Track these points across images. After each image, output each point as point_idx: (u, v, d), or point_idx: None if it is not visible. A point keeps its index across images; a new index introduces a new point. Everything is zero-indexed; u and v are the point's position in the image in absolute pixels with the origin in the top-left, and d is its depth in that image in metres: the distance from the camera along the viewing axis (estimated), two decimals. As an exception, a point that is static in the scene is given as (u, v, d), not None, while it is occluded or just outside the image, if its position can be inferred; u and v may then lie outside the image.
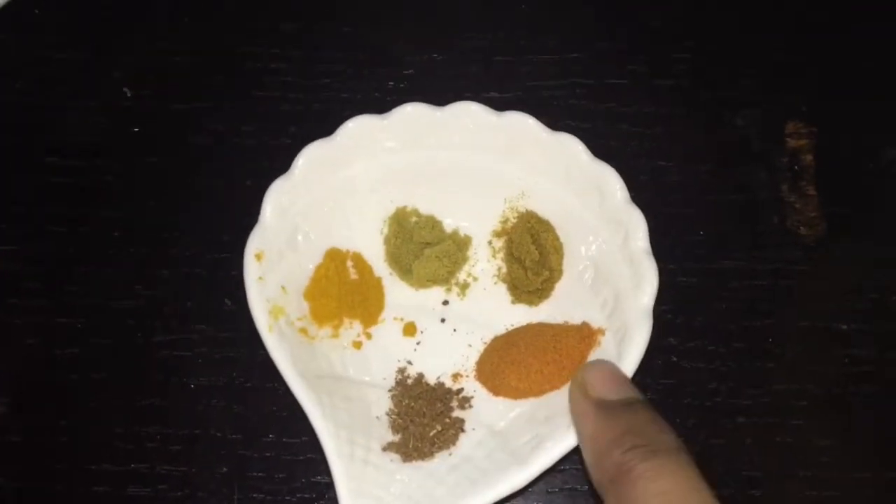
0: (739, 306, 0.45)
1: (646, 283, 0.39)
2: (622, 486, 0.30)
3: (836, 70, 0.49)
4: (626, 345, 0.38)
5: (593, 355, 0.40)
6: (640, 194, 0.42)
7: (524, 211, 0.43)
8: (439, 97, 0.45)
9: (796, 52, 0.50)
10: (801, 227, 0.46)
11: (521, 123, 0.42)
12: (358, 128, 0.42)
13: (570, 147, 0.41)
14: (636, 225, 0.40)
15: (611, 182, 0.41)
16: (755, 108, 0.49)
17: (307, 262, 0.42)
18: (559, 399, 0.39)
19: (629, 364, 0.38)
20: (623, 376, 0.36)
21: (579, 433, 0.34)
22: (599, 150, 0.42)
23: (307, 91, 0.49)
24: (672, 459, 0.30)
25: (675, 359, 0.44)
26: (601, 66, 0.49)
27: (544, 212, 0.43)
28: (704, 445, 0.43)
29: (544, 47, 0.50)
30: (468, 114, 0.42)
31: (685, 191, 0.47)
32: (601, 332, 0.40)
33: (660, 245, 0.42)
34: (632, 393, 0.34)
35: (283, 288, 0.41)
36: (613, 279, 0.41)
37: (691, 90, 0.49)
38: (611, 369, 0.36)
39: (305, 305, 0.42)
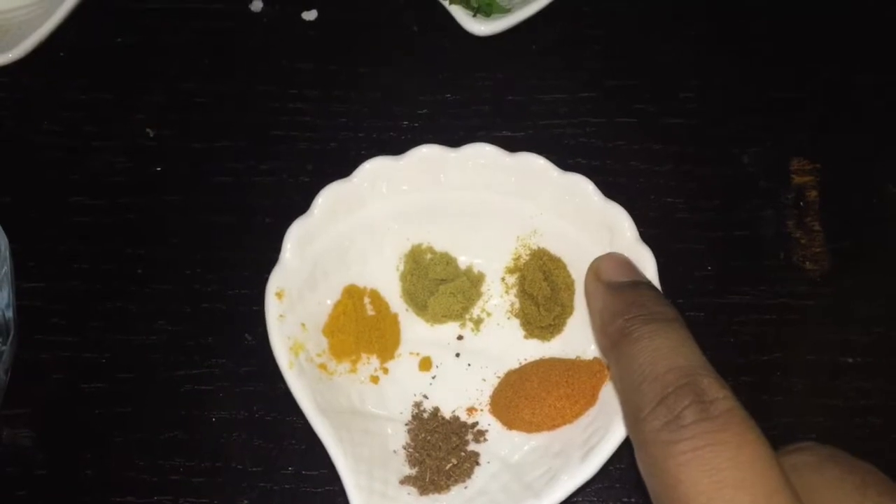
0: (747, 340, 0.46)
1: (655, 319, 0.40)
2: (623, 347, 0.33)
3: (840, 107, 0.51)
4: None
5: (603, 390, 0.41)
6: (649, 230, 0.43)
7: (536, 248, 0.45)
8: (452, 136, 0.46)
9: (800, 90, 0.51)
10: (807, 262, 0.47)
11: (533, 164, 0.43)
12: (374, 169, 0.43)
13: (581, 187, 0.43)
14: (646, 262, 0.41)
15: (621, 221, 0.42)
16: (761, 146, 0.50)
17: (326, 299, 0.43)
18: (572, 433, 0.40)
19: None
20: (631, 264, 0.39)
21: (590, 309, 0.38)
22: (609, 186, 0.44)
23: (324, 130, 0.50)
24: (669, 325, 0.33)
25: (684, 392, 0.45)
26: (610, 105, 0.51)
27: (556, 249, 0.44)
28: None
29: (554, 87, 0.51)
30: (481, 155, 0.43)
31: (693, 227, 0.48)
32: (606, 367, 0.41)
33: (668, 280, 0.43)
34: (636, 276, 0.38)
35: (302, 325, 0.42)
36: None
37: (698, 128, 0.50)
38: (621, 258, 0.39)
39: (324, 341, 0.43)
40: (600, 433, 0.39)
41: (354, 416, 0.42)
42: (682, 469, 0.29)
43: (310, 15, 0.53)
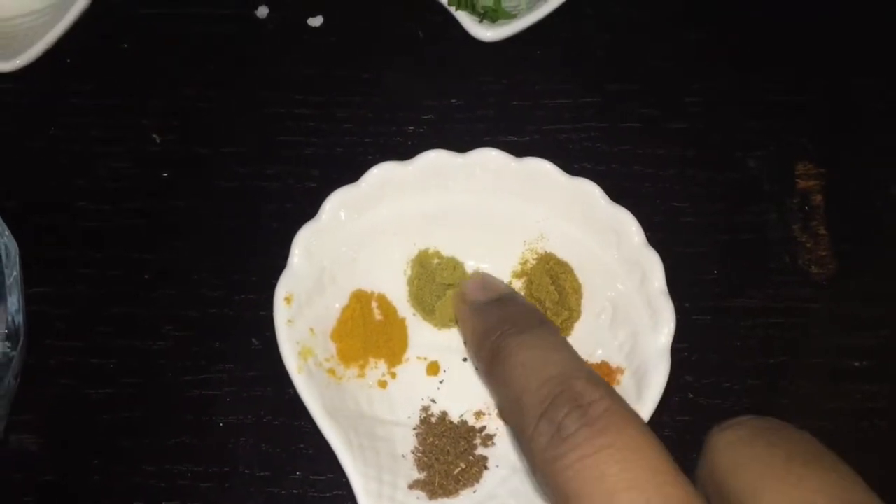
0: (753, 344, 0.46)
1: (663, 323, 0.41)
2: (495, 369, 0.34)
3: (845, 111, 0.51)
4: (645, 384, 0.40)
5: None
6: (654, 234, 0.44)
7: (543, 252, 0.45)
8: (458, 141, 0.46)
9: (804, 94, 0.51)
10: (813, 266, 0.48)
11: (540, 168, 0.43)
12: (382, 174, 0.43)
13: (588, 191, 0.43)
14: (653, 267, 0.41)
15: (628, 225, 0.42)
16: (765, 150, 0.50)
17: (334, 304, 0.43)
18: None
19: (649, 402, 0.39)
20: (493, 281, 0.40)
21: (463, 333, 0.39)
22: (615, 191, 0.44)
23: (329, 135, 0.50)
24: (534, 334, 0.34)
25: (691, 395, 0.45)
26: (615, 110, 0.51)
27: (563, 253, 0.44)
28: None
29: (559, 92, 0.51)
30: (488, 160, 0.43)
31: (699, 231, 0.49)
32: (620, 371, 0.42)
33: (675, 284, 0.43)
34: (496, 292, 0.39)
35: (311, 330, 0.42)
36: (631, 319, 0.42)
37: (703, 132, 0.50)
38: (483, 277, 0.41)
39: (332, 346, 0.43)
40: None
41: (363, 420, 0.42)
42: (571, 483, 0.28)
43: (315, 21, 0.53)
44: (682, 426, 0.45)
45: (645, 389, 0.40)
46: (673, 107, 0.51)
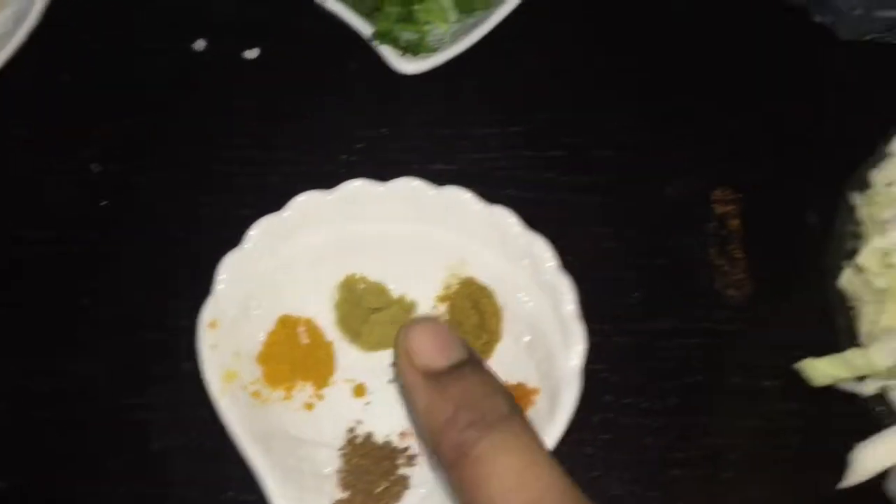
0: (672, 364, 0.48)
1: (575, 344, 0.42)
2: (464, 470, 0.30)
3: (760, 136, 0.52)
4: (558, 403, 0.41)
5: (528, 414, 0.42)
6: (578, 258, 0.46)
7: (465, 277, 0.46)
8: (387, 170, 0.48)
9: (722, 120, 0.53)
10: (730, 289, 0.49)
11: (458, 197, 0.45)
12: (306, 202, 0.45)
13: (504, 219, 0.44)
14: (565, 290, 0.43)
15: (542, 251, 0.44)
16: (684, 177, 0.52)
17: (260, 329, 0.45)
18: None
19: (560, 422, 0.41)
20: (445, 335, 0.33)
21: (413, 404, 0.33)
22: (539, 217, 0.46)
23: (264, 164, 0.52)
24: (507, 431, 0.30)
25: (611, 415, 0.47)
26: (540, 139, 0.52)
27: (484, 278, 0.46)
28: (641, 498, 0.45)
29: (486, 121, 0.53)
30: (409, 189, 0.45)
31: (620, 255, 0.50)
32: (536, 392, 0.43)
33: (596, 307, 0.45)
34: (458, 353, 0.33)
35: (236, 354, 0.43)
36: (547, 341, 0.43)
37: (625, 160, 0.52)
38: (433, 330, 0.33)
39: (259, 370, 0.44)
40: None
41: (288, 442, 0.43)
42: None
43: (251, 53, 0.55)
44: (603, 444, 0.46)
45: (557, 409, 0.41)
46: (596, 136, 0.53)
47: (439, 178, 0.46)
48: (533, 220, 0.45)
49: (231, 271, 0.44)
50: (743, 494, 0.45)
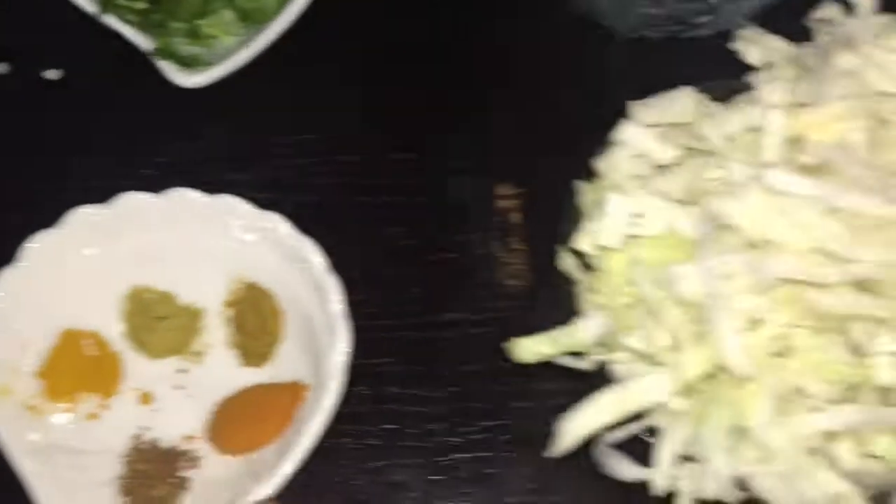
0: (455, 354, 0.50)
1: (339, 341, 0.44)
2: None
3: (542, 135, 0.55)
4: (322, 398, 0.43)
5: (301, 409, 0.44)
6: (370, 259, 0.49)
7: (248, 282, 0.48)
8: (170, 182, 0.49)
9: (506, 120, 0.55)
10: (511, 280, 0.52)
11: (231, 206, 0.47)
12: (80, 218, 0.46)
13: (277, 225, 0.46)
14: (332, 290, 0.45)
15: (310, 254, 0.46)
16: (470, 174, 0.54)
17: (40, 343, 0.46)
18: (270, 455, 0.44)
19: (321, 415, 0.43)
20: None
21: None
22: (329, 221, 0.49)
23: (56, 181, 0.53)
24: None
25: (396, 406, 0.49)
26: (331, 145, 0.54)
27: (265, 282, 0.48)
28: (426, 482, 0.47)
29: (278, 129, 0.55)
30: (183, 199, 0.47)
31: (410, 253, 0.52)
32: (307, 388, 0.45)
33: (383, 303, 0.48)
34: None
35: (12, 370, 0.44)
36: (317, 339, 0.45)
37: (414, 160, 0.54)
38: None
39: (38, 384, 0.45)
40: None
41: (68, 453, 0.44)
42: None
43: (53, 74, 0.56)
44: (388, 434, 0.48)
45: (321, 402, 0.43)
46: (389, 138, 0.55)
47: (225, 189, 0.48)
48: (323, 224, 0.47)
49: (8, 288, 0.45)
50: (518, 472, 0.47)
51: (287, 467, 0.42)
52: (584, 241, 0.42)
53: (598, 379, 0.42)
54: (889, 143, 0.37)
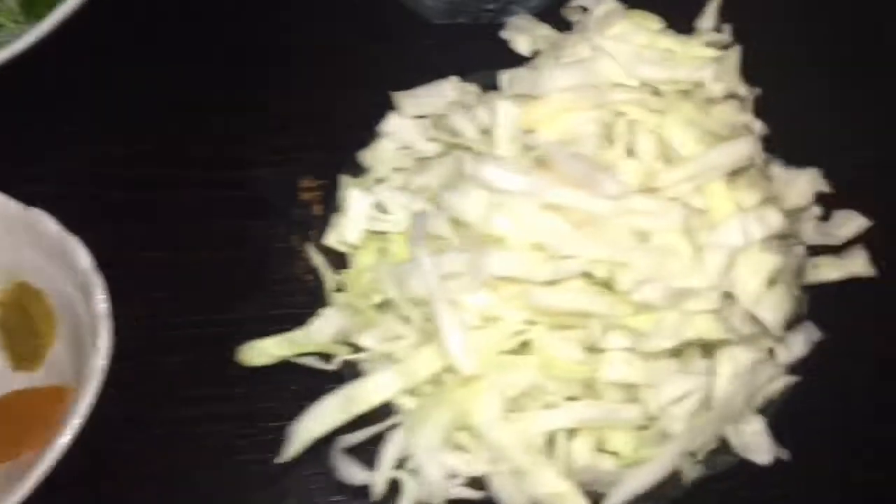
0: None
1: (101, 341, 0.43)
2: None
3: (349, 128, 0.53)
4: (81, 400, 0.42)
5: (64, 414, 0.43)
6: (166, 255, 0.49)
7: (18, 282, 0.46)
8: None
9: (309, 111, 0.54)
10: (308, 274, 0.50)
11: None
12: None
13: (41, 223, 0.45)
14: (96, 290, 0.43)
15: (76, 252, 0.44)
16: (276, 168, 0.53)
17: None
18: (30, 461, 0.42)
19: (77, 417, 0.41)
20: None
21: None
22: (111, 215, 0.50)
23: None
24: None
25: (182, 408, 0.48)
26: (112, 136, 0.54)
27: (35, 282, 0.46)
28: (210, 482, 0.47)
29: (48, 120, 0.54)
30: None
31: (205, 247, 0.51)
32: (71, 391, 0.44)
33: (185, 300, 0.48)
34: None
35: None
36: (83, 340, 0.44)
37: (218, 152, 0.53)
38: None
39: None
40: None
41: None
42: None
43: None
44: (170, 437, 0.47)
45: (79, 404, 0.42)
46: (187, 130, 0.54)
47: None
48: (93, 220, 0.46)
49: None
50: (298, 474, 0.46)
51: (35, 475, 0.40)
52: (331, 236, 0.41)
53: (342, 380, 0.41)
54: (622, 135, 0.36)
